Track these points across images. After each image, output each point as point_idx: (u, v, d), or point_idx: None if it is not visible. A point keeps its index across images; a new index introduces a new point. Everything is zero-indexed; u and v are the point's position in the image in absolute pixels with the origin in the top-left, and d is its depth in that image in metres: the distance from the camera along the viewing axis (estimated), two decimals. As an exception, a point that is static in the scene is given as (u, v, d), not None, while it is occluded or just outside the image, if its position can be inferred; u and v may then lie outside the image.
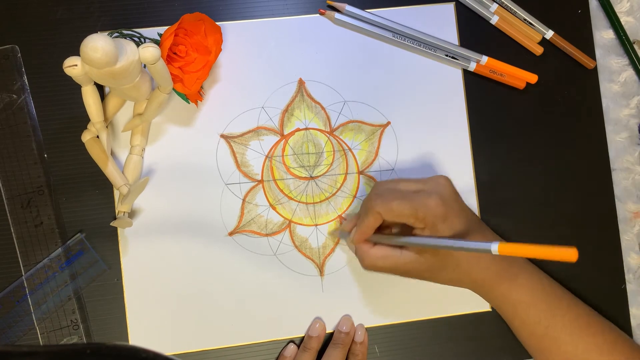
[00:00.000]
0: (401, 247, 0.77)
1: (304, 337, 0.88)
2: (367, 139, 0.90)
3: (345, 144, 0.89)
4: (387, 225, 0.82)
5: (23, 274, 0.85)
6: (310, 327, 0.87)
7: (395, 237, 0.76)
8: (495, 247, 0.61)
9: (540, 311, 0.81)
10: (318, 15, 0.90)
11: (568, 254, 0.58)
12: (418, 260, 0.76)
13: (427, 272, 0.78)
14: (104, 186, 0.86)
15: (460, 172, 0.91)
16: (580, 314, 0.83)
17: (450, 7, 0.92)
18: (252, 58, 0.88)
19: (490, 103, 0.91)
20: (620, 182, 0.93)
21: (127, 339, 0.86)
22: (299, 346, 0.87)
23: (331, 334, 0.88)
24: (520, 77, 0.91)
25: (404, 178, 0.80)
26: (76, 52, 0.68)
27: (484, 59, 0.90)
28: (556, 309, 0.81)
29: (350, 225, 0.84)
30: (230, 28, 0.89)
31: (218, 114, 0.88)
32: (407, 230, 0.78)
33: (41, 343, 0.85)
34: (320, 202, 0.89)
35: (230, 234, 0.87)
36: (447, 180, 0.78)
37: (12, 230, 0.85)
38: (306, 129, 0.89)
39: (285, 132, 0.89)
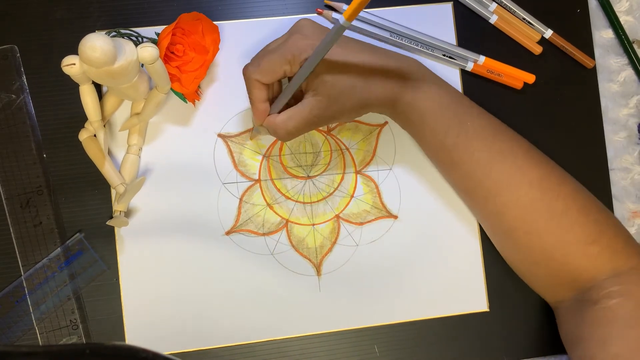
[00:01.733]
0: (301, 100, 0.78)
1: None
2: (365, 139, 0.90)
3: (342, 143, 0.89)
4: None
5: (22, 274, 0.85)
6: None
7: (284, 90, 0.77)
8: (342, 16, 0.63)
9: (448, 118, 0.80)
10: (314, 15, 0.90)
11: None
12: (317, 99, 0.76)
13: (332, 104, 0.77)
14: (103, 186, 0.86)
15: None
16: (492, 121, 0.82)
17: (448, 6, 0.92)
18: (249, 57, 0.88)
19: (488, 103, 0.90)
20: (619, 181, 0.93)
21: (123, 339, 0.86)
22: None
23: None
24: (517, 77, 0.91)
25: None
26: (75, 52, 0.69)
27: (482, 58, 0.90)
28: (466, 115, 0.81)
29: (255, 120, 0.82)
30: (227, 27, 0.89)
31: (215, 114, 0.88)
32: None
33: (40, 343, 0.85)
34: (318, 201, 0.89)
35: (227, 233, 0.87)
36: (307, 19, 0.79)
37: (11, 230, 0.85)
38: (303, 128, 0.89)
39: (283, 132, 0.88)
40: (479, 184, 0.80)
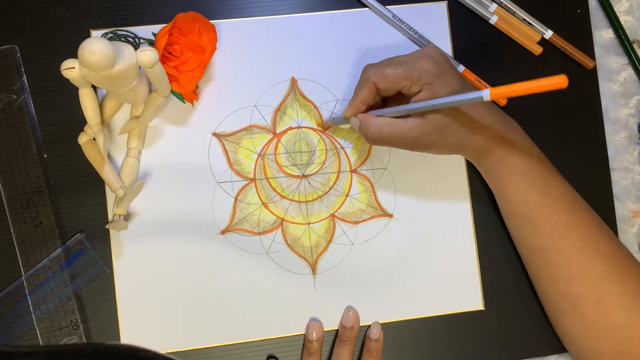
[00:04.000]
0: (404, 117, 0.78)
1: (303, 341, 0.88)
2: (360, 138, 0.90)
3: (337, 142, 0.89)
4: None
5: (23, 274, 0.85)
6: (308, 329, 0.87)
7: (396, 107, 0.77)
8: (487, 93, 0.65)
9: (534, 178, 0.80)
10: (312, 14, 0.90)
11: (558, 81, 0.60)
12: (423, 124, 0.76)
13: (434, 134, 0.77)
14: (104, 186, 0.87)
15: (456, 172, 0.91)
16: (572, 190, 0.83)
17: (443, 5, 0.92)
18: (245, 56, 0.88)
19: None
20: (620, 181, 0.93)
21: (119, 339, 0.86)
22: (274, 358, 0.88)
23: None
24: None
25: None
26: (76, 52, 0.68)
27: (460, 68, 0.91)
28: (551, 179, 0.81)
29: (348, 109, 0.83)
30: (224, 26, 0.89)
31: (211, 113, 0.88)
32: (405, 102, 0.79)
33: (41, 343, 0.85)
34: (313, 200, 0.89)
35: (222, 232, 0.87)
36: (436, 47, 0.80)
37: (12, 231, 0.85)
38: (299, 127, 0.89)
39: (278, 131, 0.89)
40: (553, 246, 0.81)
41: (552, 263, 0.81)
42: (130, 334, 0.86)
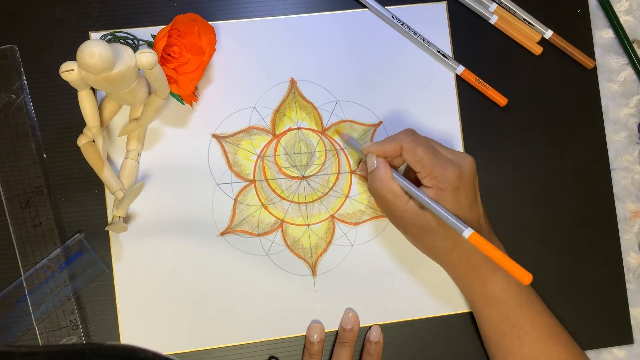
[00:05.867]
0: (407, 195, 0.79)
1: (304, 342, 0.88)
2: (359, 139, 0.89)
3: (337, 143, 0.89)
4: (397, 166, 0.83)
5: (22, 274, 0.85)
6: (309, 331, 0.87)
7: (405, 180, 0.78)
8: (467, 233, 0.69)
9: (510, 309, 0.81)
10: (311, 14, 0.90)
11: (522, 275, 0.66)
12: (418, 213, 0.77)
13: (419, 228, 0.78)
14: (103, 186, 0.87)
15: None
16: (549, 323, 0.83)
17: (442, 5, 0.92)
18: (244, 58, 0.88)
19: (485, 103, 0.90)
20: (620, 181, 0.92)
21: (118, 339, 0.86)
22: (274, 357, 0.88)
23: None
24: (494, 96, 0.91)
25: (439, 142, 0.82)
26: (75, 52, 0.68)
27: (460, 68, 0.90)
28: (526, 311, 0.81)
29: (371, 146, 0.83)
30: (223, 28, 0.89)
31: (210, 114, 0.88)
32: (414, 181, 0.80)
33: (40, 343, 0.85)
34: (313, 201, 0.88)
35: (222, 234, 0.87)
36: (473, 161, 0.80)
37: (11, 231, 0.85)
38: (298, 128, 0.89)
39: (277, 132, 0.89)
40: None
41: None
42: (130, 334, 0.86)
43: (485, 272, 0.80)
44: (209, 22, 0.83)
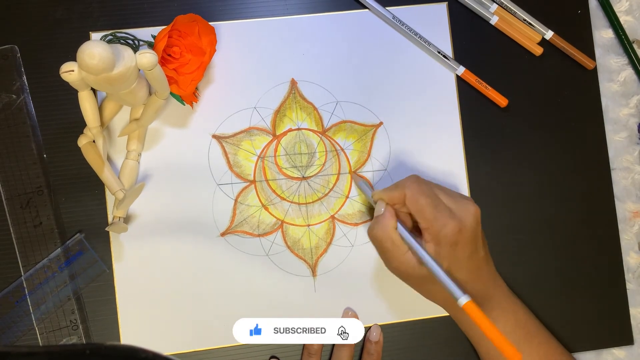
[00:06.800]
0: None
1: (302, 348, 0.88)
2: (359, 139, 0.89)
3: (337, 144, 0.89)
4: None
5: (22, 274, 0.85)
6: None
7: (409, 233, 0.77)
8: (463, 301, 0.70)
9: (518, 337, 0.81)
10: (312, 15, 0.90)
11: (511, 354, 0.66)
12: (415, 266, 0.76)
13: (417, 279, 0.78)
14: (103, 186, 0.87)
15: (453, 171, 0.91)
16: (550, 354, 0.83)
17: (443, 6, 0.92)
18: (245, 58, 0.88)
19: (485, 104, 0.91)
20: (620, 181, 0.93)
21: (118, 339, 0.86)
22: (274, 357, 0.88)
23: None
24: (495, 97, 0.91)
25: (444, 187, 0.81)
26: (75, 52, 0.68)
27: (461, 69, 0.90)
28: (526, 345, 0.82)
29: (379, 192, 0.83)
30: (223, 28, 0.89)
31: (210, 115, 0.88)
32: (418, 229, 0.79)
33: (40, 343, 0.85)
34: (313, 202, 0.89)
35: (223, 234, 0.87)
36: (477, 211, 0.78)
37: (12, 231, 0.85)
38: (298, 129, 0.89)
39: (278, 133, 0.89)
40: None
41: None
42: (130, 335, 0.86)
43: (497, 300, 0.81)
44: (210, 23, 0.83)
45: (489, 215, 0.89)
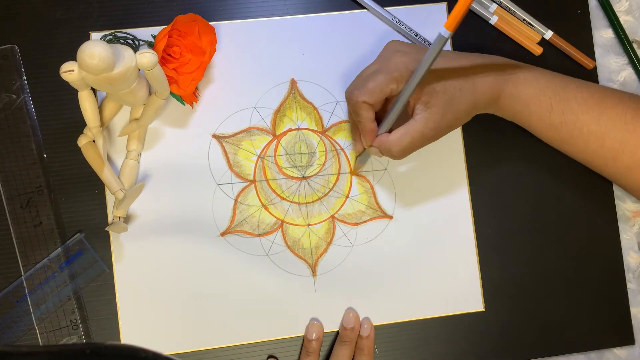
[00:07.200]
0: (409, 119, 0.79)
1: (302, 341, 0.88)
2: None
3: (337, 144, 0.89)
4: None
5: (22, 274, 0.85)
6: (308, 329, 0.87)
7: (391, 109, 0.78)
8: (443, 29, 0.68)
9: (550, 98, 0.81)
10: (312, 15, 0.90)
11: None
12: (432, 112, 0.77)
13: (449, 113, 0.78)
14: (103, 186, 0.87)
15: (454, 171, 0.91)
16: (593, 91, 0.82)
17: (442, 6, 0.92)
18: (245, 58, 0.88)
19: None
20: (620, 182, 0.92)
21: (119, 339, 0.86)
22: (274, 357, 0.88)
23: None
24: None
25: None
26: (75, 52, 0.68)
27: None
28: (566, 93, 0.81)
29: (358, 144, 0.85)
30: (224, 28, 0.89)
31: (210, 115, 0.88)
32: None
33: (40, 343, 0.85)
34: (313, 202, 0.89)
35: (223, 234, 0.87)
36: (394, 41, 0.82)
37: (12, 230, 0.85)
38: (298, 129, 0.89)
39: (278, 132, 0.89)
40: (595, 154, 0.82)
41: (601, 167, 0.84)
42: (130, 334, 0.86)
43: (510, 82, 0.81)
44: (210, 23, 0.83)
45: (489, 218, 0.89)
